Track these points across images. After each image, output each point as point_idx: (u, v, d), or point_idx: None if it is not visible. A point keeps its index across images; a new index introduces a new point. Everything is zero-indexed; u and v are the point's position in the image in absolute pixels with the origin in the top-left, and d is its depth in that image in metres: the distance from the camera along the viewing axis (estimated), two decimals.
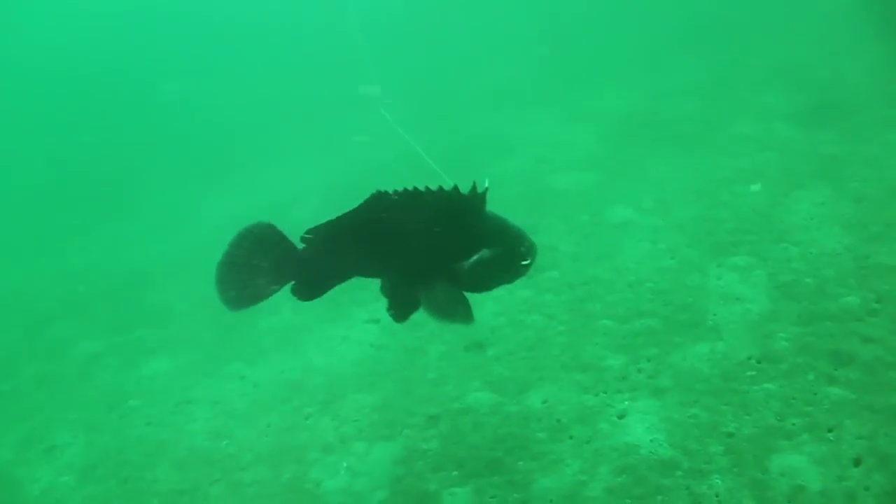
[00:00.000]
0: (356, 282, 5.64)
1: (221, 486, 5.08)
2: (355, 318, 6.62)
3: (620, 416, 4.69)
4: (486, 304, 6.24)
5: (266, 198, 10.97)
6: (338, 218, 3.49)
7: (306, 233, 3.52)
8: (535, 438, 4.70)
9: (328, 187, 10.69)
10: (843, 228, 5.93)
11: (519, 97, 12.01)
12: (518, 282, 6.23)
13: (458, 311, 3.77)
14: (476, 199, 3.55)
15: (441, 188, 3.49)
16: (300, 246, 3.55)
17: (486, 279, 3.78)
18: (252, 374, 6.25)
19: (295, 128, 13.73)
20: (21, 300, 9.37)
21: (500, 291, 6.34)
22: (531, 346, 5.58)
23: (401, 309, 3.85)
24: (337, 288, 7.20)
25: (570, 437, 4.64)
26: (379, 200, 3.47)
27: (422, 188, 3.49)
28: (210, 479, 5.18)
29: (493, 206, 3.68)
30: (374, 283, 6.94)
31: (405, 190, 3.45)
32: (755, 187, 6.89)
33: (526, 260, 3.74)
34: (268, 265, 3.66)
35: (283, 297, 7.41)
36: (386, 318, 6.53)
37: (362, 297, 6.95)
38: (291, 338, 6.63)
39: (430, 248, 3.65)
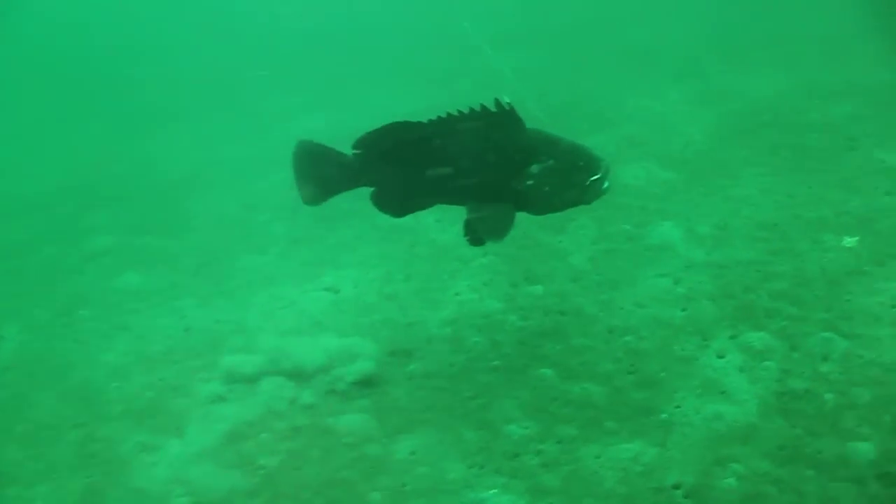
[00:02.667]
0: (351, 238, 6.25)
1: (77, 434, 4.67)
2: (318, 282, 5.87)
3: None
4: (448, 307, 5.22)
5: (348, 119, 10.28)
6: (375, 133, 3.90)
7: (354, 146, 4.00)
8: (367, 499, 3.75)
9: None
10: None
11: (653, 63, 10.20)
12: (495, 290, 5.23)
13: (492, 230, 3.80)
14: (508, 114, 3.73)
15: (472, 109, 3.73)
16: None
17: (549, 197, 3.80)
18: (192, 316, 5.76)
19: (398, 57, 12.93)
20: (84, 181, 9.64)
21: (469, 295, 5.31)
22: (452, 376, 4.52)
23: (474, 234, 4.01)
24: (329, 240, 6.46)
25: None
26: (410, 126, 3.81)
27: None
28: (75, 421, 4.78)
29: None
30: (364, 244, 6.18)
31: (438, 118, 3.75)
32: (849, 241, 5.08)
33: (594, 175, 3.71)
34: (330, 172, 4.13)
35: (282, 237, 6.88)
36: (345, 289, 5.78)
37: (343, 259, 6.20)
38: (251, 286, 6.04)
39: (479, 166, 3.82)
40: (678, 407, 3.94)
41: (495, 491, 3.64)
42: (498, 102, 3.77)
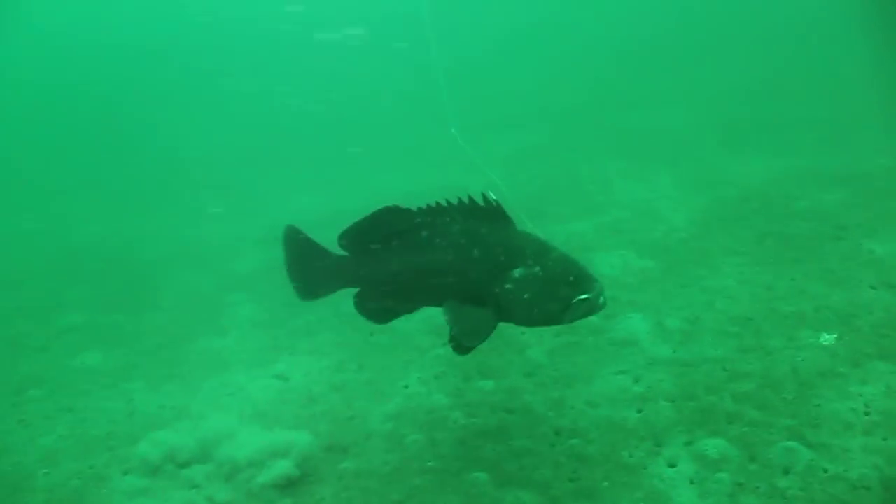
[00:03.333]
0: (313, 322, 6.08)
1: None
2: (270, 368, 5.64)
3: None
4: (393, 401, 4.93)
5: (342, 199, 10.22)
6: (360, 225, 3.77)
7: (340, 238, 3.84)
8: None
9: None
10: None
11: (650, 146, 10.04)
12: (445, 383, 4.94)
13: (469, 333, 3.50)
14: (494, 210, 3.57)
15: (460, 200, 3.60)
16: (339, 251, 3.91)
17: (528, 306, 3.47)
18: (139, 399, 5.54)
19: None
20: (71, 254, 9.62)
21: (418, 388, 5.02)
22: (383, 476, 4.20)
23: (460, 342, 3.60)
24: (290, 324, 6.22)
25: None
26: (396, 216, 3.67)
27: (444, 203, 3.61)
28: None
29: None
30: (324, 330, 5.96)
31: (428, 206, 3.63)
32: (827, 338, 4.71)
33: (582, 294, 3.41)
34: (315, 269, 3.98)
35: (245, 320, 6.70)
36: (295, 377, 5.52)
37: (300, 345, 6.00)
38: (204, 370, 5.81)
39: (463, 262, 3.58)
40: None
41: None
42: (485, 198, 3.59)
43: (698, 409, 4.26)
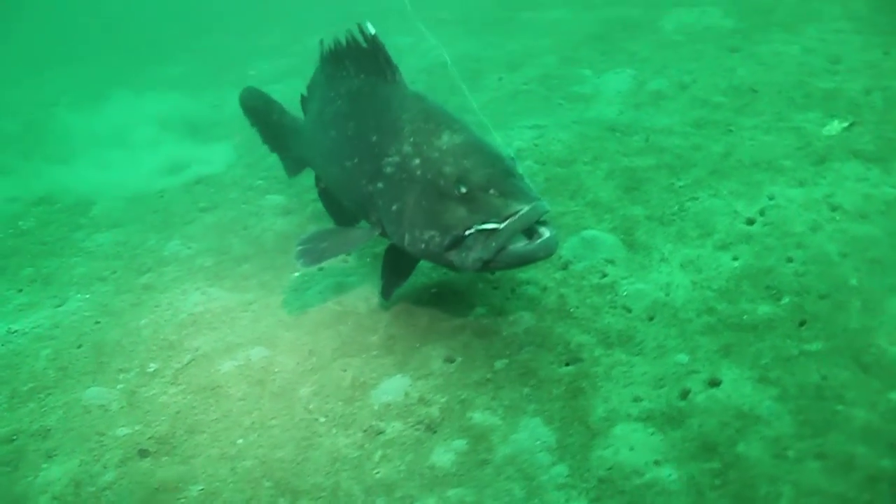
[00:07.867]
0: None
1: None
2: (174, 94, 5.51)
3: None
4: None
5: None
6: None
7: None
8: None
9: None
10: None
11: None
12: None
13: (310, 251, 2.25)
14: (374, 53, 2.24)
15: (348, 40, 2.40)
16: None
17: (400, 229, 2.05)
18: (59, 116, 5.45)
19: None
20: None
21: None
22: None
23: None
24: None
25: None
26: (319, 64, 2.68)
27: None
28: None
29: None
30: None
31: (331, 50, 2.50)
32: (834, 126, 3.08)
33: (483, 224, 1.84)
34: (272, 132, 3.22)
35: (199, 50, 6.44)
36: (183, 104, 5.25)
37: (227, 77, 5.61)
38: (127, 91, 5.66)
39: (339, 143, 2.38)
40: None
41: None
42: (361, 31, 2.31)
43: (559, 177, 3.17)
